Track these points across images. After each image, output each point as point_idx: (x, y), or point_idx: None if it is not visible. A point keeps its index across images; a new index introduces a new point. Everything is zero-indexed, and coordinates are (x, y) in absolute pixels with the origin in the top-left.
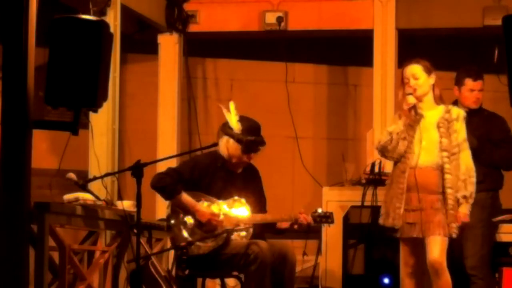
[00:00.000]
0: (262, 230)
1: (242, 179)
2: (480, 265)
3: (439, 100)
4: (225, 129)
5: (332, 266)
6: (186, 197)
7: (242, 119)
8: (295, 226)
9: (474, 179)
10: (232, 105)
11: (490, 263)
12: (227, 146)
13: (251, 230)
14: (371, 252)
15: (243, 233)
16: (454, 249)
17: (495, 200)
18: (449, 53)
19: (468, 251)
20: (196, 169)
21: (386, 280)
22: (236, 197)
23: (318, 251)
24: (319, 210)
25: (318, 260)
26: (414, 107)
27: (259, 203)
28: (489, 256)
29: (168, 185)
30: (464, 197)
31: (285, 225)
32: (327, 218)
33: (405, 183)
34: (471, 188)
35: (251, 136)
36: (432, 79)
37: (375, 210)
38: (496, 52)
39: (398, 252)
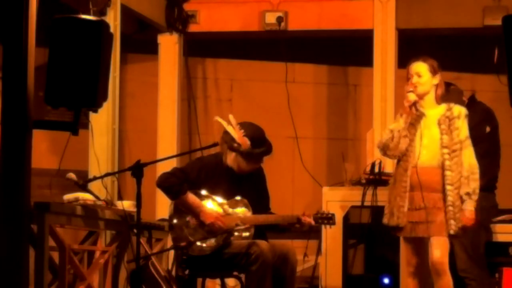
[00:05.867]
0: (264, 229)
1: (247, 180)
2: (470, 267)
3: (440, 100)
4: (231, 145)
5: (332, 266)
6: (191, 197)
7: (246, 130)
8: (297, 225)
9: (477, 176)
10: (232, 119)
11: (483, 264)
12: (237, 162)
13: (252, 230)
14: (371, 252)
15: (246, 234)
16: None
17: (483, 200)
18: (449, 53)
19: (456, 253)
20: (203, 170)
21: (386, 280)
22: (238, 198)
23: (318, 251)
24: (321, 211)
25: (318, 260)
26: (414, 105)
27: (262, 203)
28: (480, 257)
29: (174, 185)
30: (467, 193)
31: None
32: (329, 219)
33: (408, 182)
34: (474, 185)
35: (260, 148)
36: (436, 80)
37: (375, 210)
38: (496, 52)
39: (398, 252)
